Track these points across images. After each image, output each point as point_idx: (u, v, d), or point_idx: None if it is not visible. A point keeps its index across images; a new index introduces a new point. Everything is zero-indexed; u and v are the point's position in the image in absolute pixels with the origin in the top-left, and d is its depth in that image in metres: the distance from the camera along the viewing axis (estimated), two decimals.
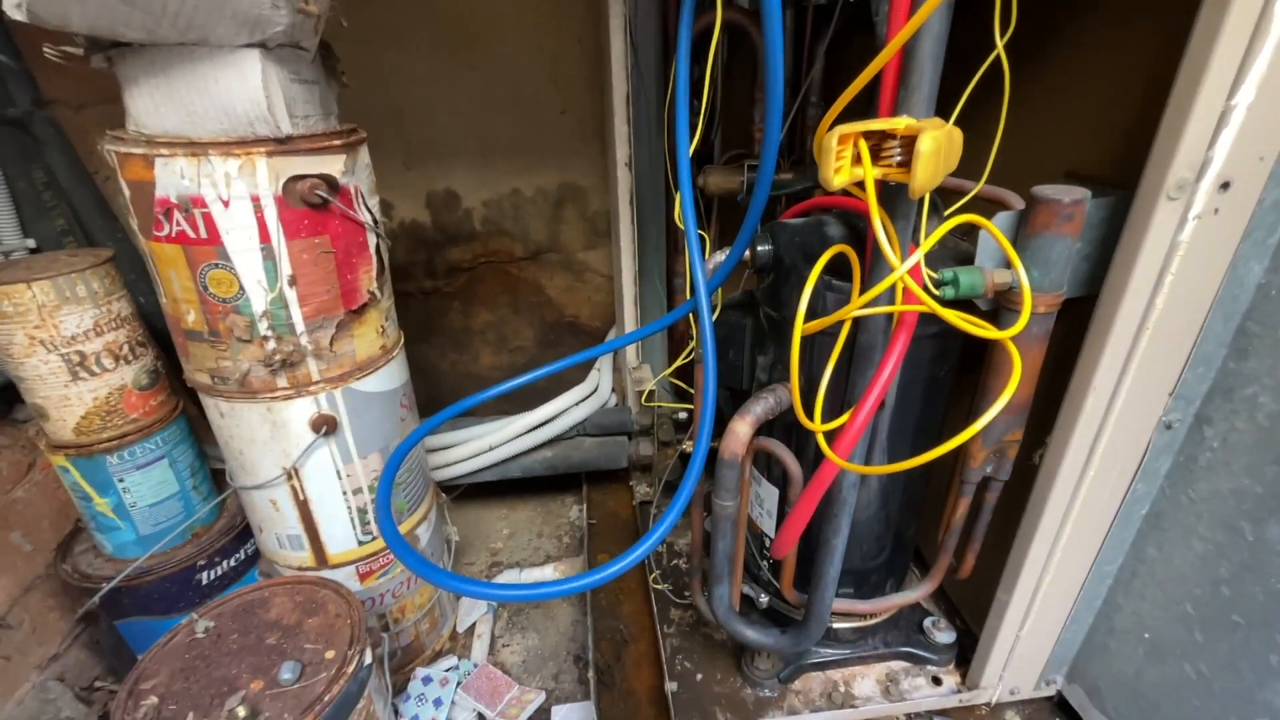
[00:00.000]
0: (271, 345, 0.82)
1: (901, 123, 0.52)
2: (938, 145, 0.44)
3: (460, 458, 1.33)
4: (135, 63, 0.69)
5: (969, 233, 0.93)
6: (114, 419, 0.95)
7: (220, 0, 0.62)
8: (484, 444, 1.32)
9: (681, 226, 0.87)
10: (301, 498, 0.93)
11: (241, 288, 0.78)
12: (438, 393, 1.79)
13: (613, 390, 1.50)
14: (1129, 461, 0.79)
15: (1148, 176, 0.64)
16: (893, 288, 0.65)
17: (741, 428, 0.84)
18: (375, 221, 0.88)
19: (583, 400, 1.41)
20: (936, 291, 0.71)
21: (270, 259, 0.77)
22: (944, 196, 0.87)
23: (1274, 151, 0.61)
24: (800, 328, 0.61)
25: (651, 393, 1.33)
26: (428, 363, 1.77)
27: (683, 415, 1.35)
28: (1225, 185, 0.62)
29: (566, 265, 1.69)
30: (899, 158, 0.54)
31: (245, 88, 0.69)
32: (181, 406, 1.06)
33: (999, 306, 0.75)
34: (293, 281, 0.80)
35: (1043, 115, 0.88)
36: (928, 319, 0.80)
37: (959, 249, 0.84)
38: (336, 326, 0.86)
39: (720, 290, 1.01)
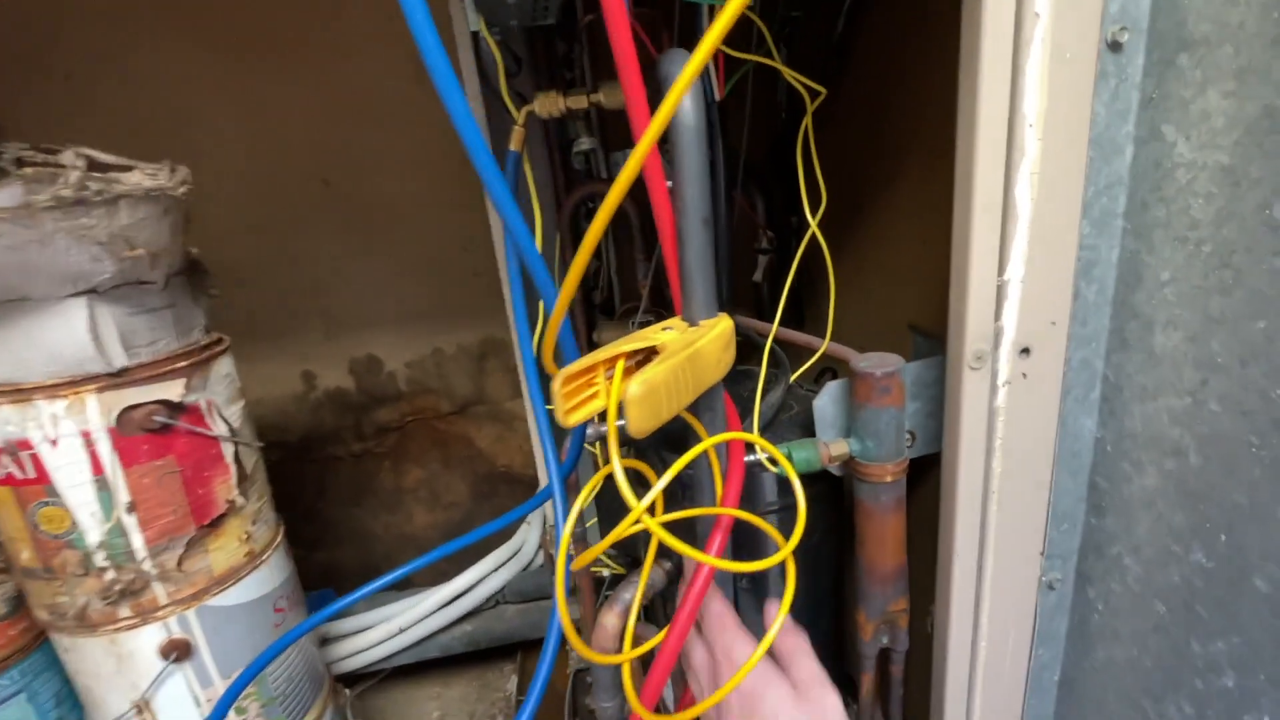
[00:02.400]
0: (110, 575, 0.78)
1: (659, 338, 0.52)
2: (649, 389, 0.43)
3: (370, 643, 1.25)
4: None
5: (819, 377, 0.93)
6: None
7: (30, 266, 0.65)
8: (393, 626, 1.24)
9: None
10: None
11: (74, 522, 0.76)
12: (372, 559, 1.73)
13: (540, 547, 1.45)
14: (1022, 625, 0.73)
15: (950, 348, 0.64)
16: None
17: (610, 620, 0.79)
18: (233, 430, 0.87)
19: (503, 565, 1.35)
20: (772, 469, 0.69)
21: (105, 489, 0.76)
22: (792, 353, 0.87)
23: (1065, 315, 0.61)
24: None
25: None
26: (361, 527, 1.71)
27: (607, 574, 1.29)
28: (1025, 350, 0.62)
29: (494, 416, 1.69)
30: None
31: (72, 334, 0.71)
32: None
33: (850, 474, 0.73)
34: (131, 508, 0.78)
35: (880, 268, 0.91)
36: (785, 491, 0.77)
37: (808, 413, 0.83)
38: (186, 545, 0.83)
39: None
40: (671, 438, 0.80)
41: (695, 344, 0.51)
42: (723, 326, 0.57)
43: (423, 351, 1.62)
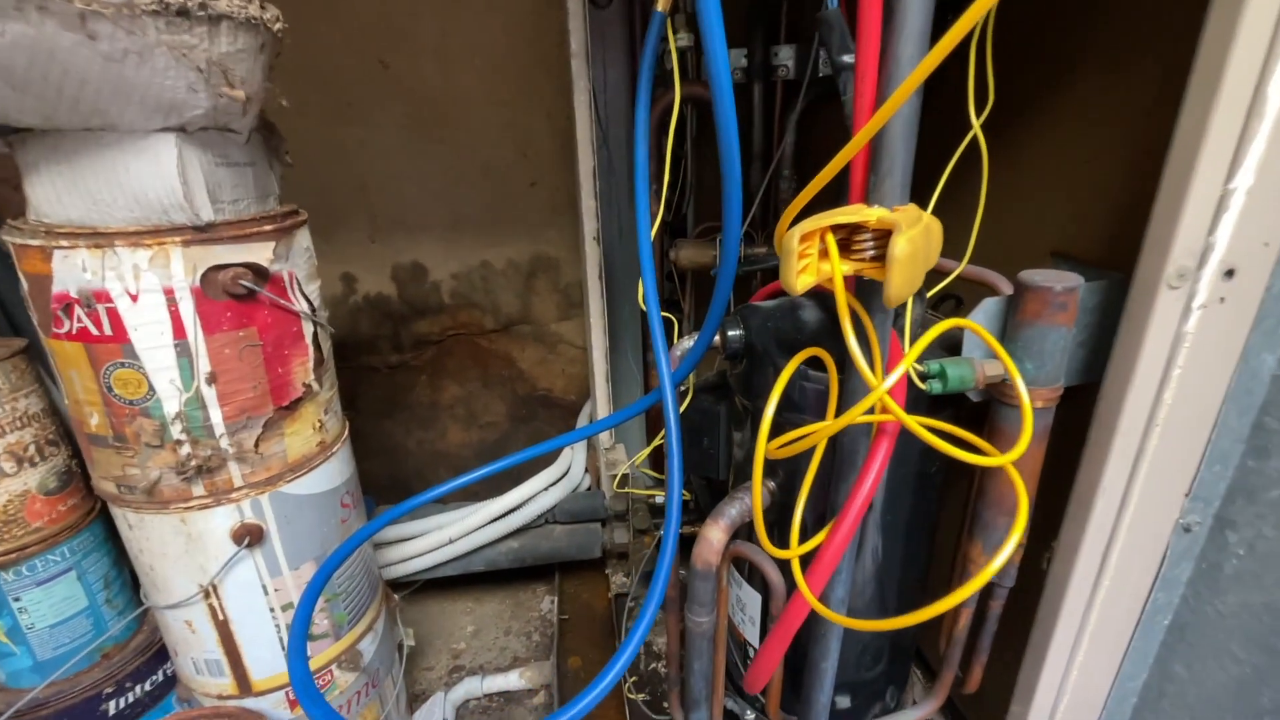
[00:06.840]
0: (186, 450, 0.73)
1: (873, 214, 0.46)
2: (914, 248, 0.38)
3: (417, 552, 1.22)
4: (36, 148, 0.63)
5: (958, 308, 0.88)
6: (12, 529, 0.85)
7: (125, 85, 0.56)
8: (443, 536, 1.21)
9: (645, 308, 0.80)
10: (221, 618, 0.82)
11: (151, 388, 0.70)
12: (402, 473, 1.69)
13: (586, 471, 1.41)
14: (1146, 568, 0.71)
15: (1144, 264, 0.59)
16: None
17: (715, 534, 0.75)
18: (313, 308, 0.80)
19: (553, 484, 1.32)
20: (922, 386, 0.65)
21: (185, 356, 0.70)
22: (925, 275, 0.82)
23: (1279, 237, 0.56)
24: (762, 448, 0.53)
25: (625, 477, 1.24)
26: (392, 441, 1.67)
27: (660, 500, 1.26)
28: (1230, 273, 0.57)
29: (539, 337, 1.63)
30: (872, 252, 0.48)
31: (159, 174, 0.63)
32: (98, 509, 0.95)
33: (992, 399, 0.69)
34: (211, 379, 0.71)
35: (1025, 192, 0.84)
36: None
37: (949, 332, 0.78)
38: (264, 426, 0.77)
39: (692, 373, 0.94)
40: (785, 343, 0.75)
41: (924, 218, 0.45)
42: (927, 212, 0.51)
43: (470, 263, 1.54)
